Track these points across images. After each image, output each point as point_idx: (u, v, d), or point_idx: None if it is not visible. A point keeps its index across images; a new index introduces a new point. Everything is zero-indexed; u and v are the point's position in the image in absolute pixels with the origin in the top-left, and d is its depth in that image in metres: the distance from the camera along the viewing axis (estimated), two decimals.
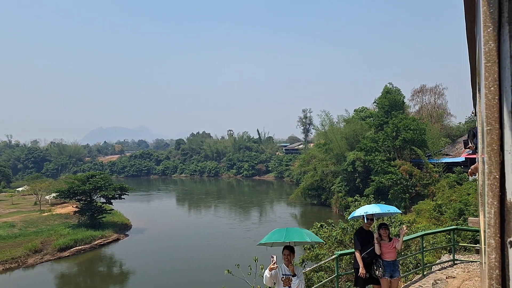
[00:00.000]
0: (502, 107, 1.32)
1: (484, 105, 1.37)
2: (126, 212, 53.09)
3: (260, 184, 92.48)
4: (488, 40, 1.33)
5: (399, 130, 38.42)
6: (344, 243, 11.26)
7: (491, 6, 1.32)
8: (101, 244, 37.19)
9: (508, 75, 1.29)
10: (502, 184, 1.34)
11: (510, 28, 1.30)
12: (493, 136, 1.33)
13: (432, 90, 51.84)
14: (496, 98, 1.32)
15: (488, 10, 1.32)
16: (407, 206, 36.12)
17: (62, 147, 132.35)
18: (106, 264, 33.01)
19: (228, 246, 33.92)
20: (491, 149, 1.34)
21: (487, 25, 1.33)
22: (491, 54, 1.33)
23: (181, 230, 42.26)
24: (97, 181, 40.29)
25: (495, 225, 1.34)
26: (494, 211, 1.34)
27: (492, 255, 1.36)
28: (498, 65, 1.32)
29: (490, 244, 1.36)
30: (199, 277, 26.86)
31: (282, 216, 48.37)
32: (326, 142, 53.90)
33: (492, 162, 1.34)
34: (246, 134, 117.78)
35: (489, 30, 1.33)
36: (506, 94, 1.30)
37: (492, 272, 1.37)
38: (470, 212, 19.23)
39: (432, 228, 18.22)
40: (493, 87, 1.33)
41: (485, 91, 1.35)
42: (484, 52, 1.34)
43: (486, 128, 1.35)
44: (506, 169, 1.31)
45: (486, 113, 1.36)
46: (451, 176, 32.19)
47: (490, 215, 1.36)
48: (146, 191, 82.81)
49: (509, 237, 1.30)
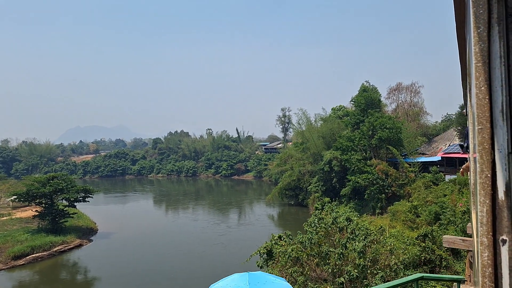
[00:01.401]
0: (492, 107, 1.36)
1: (475, 104, 1.40)
2: (96, 215, 50.44)
3: (239, 183, 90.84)
4: (478, 40, 1.37)
5: (375, 128, 37.50)
6: (301, 261, 9.68)
7: (481, 7, 1.36)
8: (61, 250, 34.59)
9: (498, 75, 1.34)
10: (493, 182, 1.37)
11: (499, 29, 1.34)
12: (484, 135, 1.36)
13: (408, 88, 51.28)
14: (487, 97, 1.35)
15: (477, 11, 1.35)
16: (384, 207, 35.22)
17: (33, 147, 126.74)
18: (60, 274, 30.47)
19: (195, 254, 31.99)
20: (482, 148, 1.37)
21: (477, 26, 1.36)
22: (482, 55, 1.36)
23: (151, 235, 40.06)
24: (58, 183, 37.57)
25: (487, 223, 1.37)
26: (486, 209, 1.37)
27: (485, 253, 1.38)
28: (488, 65, 1.35)
29: (483, 242, 1.38)
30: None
31: (259, 219, 46.79)
32: (303, 141, 52.77)
33: (484, 161, 1.37)
34: (225, 133, 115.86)
35: (479, 31, 1.36)
36: (496, 93, 1.34)
37: (485, 270, 1.39)
38: (446, 217, 18.11)
39: (407, 232, 17.02)
40: (484, 87, 1.36)
41: (476, 91, 1.38)
42: (475, 53, 1.38)
43: (477, 127, 1.38)
44: (497, 168, 1.35)
45: (477, 113, 1.38)
46: (427, 176, 31.38)
47: (483, 214, 1.38)
48: (122, 192, 79.64)
49: (501, 235, 1.34)
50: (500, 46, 1.33)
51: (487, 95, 1.35)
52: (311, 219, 12.34)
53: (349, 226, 11.31)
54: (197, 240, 36.73)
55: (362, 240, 10.71)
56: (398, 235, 16.65)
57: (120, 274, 28.30)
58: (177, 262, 30.33)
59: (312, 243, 9.87)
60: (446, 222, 17.69)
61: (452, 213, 17.96)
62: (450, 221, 17.46)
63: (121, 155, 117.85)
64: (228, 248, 33.14)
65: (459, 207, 19.06)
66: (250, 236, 36.62)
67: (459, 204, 19.53)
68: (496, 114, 1.33)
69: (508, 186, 1.33)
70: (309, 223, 12.08)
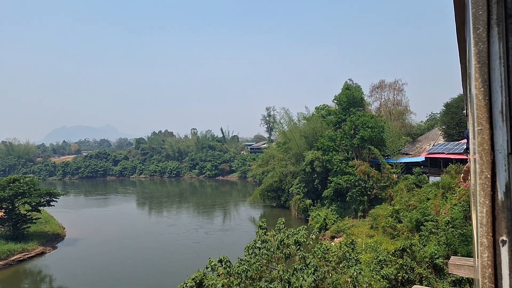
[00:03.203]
0: (492, 108, 1.35)
1: (475, 105, 1.39)
2: (69, 219, 47.74)
3: (223, 184, 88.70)
4: (478, 41, 1.36)
5: (357, 127, 35.74)
6: (254, 285, 7.61)
7: (480, 8, 1.35)
8: (20, 259, 31.97)
9: (497, 76, 1.33)
10: (493, 183, 1.36)
11: (499, 30, 1.33)
12: (484, 136, 1.35)
13: (392, 85, 49.52)
14: (487, 98, 1.35)
15: (477, 12, 1.34)
16: (366, 210, 33.50)
17: (10, 147, 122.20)
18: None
19: (162, 264, 29.70)
20: (482, 149, 1.36)
21: (476, 27, 1.35)
22: (481, 56, 1.35)
23: (121, 241, 37.62)
24: (19, 186, 34.81)
25: (487, 224, 1.36)
26: (486, 210, 1.36)
27: (485, 254, 1.37)
28: (488, 66, 1.35)
29: (483, 243, 1.38)
30: None
31: (240, 223, 44.64)
32: (285, 141, 50.90)
33: (483, 162, 1.36)
34: (209, 133, 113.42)
35: (478, 32, 1.35)
36: (496, 94, 1.33)
37: (485, 271, 1.38)
38: (427, 228, 16.22)
39: (384, 244, 15.11)
40: (483, 88, 1.35)
41: (476, 92, 1.37)
42: (474, 54, 1.37)
43: (477, 128, 1.37)
44: (497, 169, 1.34)
45: (476, 114, 1.37)
46: (409, 178, 29.66)
47: (482, 214, 1.37)
48: (103, 193, 76.53)
49: (500, 235, 1.33)
50: (499, 47, 1.33)
51: (487, 96, 1.34)
52: (250, 244, 10.10)
53: (299, 251, 9.17)
54: (169, 247, 34.46)
55: (312, 274, 8.44)
56: (375, 245, 14.81)
57: (79, 285, 25.96)
58: (139, 272, 28.02)
59: (247, 276, 7.80)
60: (427, 234, 15.88)
61: (434, 223, 16.13)
62: (432, 232, 15.65)
63: (103, 156, 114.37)
64: (198, 259, 30.53)
65: (442, 214, 17.37)
66: (228, 243, 34.56)
67: (443, 210, 17.83)
68: (496, 115, 1.33)
69: (508, 187, 1.32)
70: (250, 246, 9.91)
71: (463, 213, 14.58)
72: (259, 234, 10.21)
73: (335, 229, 33.73)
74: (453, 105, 36.70)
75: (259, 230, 10.42)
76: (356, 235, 23.77)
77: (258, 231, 10.38)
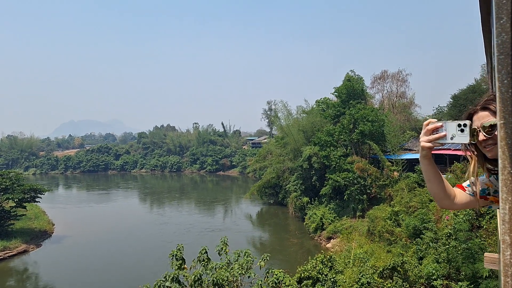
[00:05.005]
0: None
1: (498, 98, 1.31)
2: (61, 215, 46.35)
3: (224, 179, 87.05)
4: (501, 32, 1.27)
5: (357, 121, 33.42)
6: None
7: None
8: (1, 258, 30.54)
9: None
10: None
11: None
12: (507, 130, 1.27)
13: (394, 76, 46.62)
14: (510, 91, 1.26)
15: (500, 1, 1.26)
16: (365, 209, 31.34)
17: (14, 141, 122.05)
18: None
19: (142, 268, 27.96)
20: (505, 143, 1.28)
21: (499, 17, 1.27)
22: (504, 47, 1.27)
23: (110, 239, 36.07)
24: (1, 181, 33.35)
25: (509, 221, 1.26)
26: (508, 206, 1.26)
27: (507, 252, 1.26)
28: (511, 57, 1.26)
29: (505, 240, 1.27)
30: None
31: (237, 221, 42.72)
32: (283, 135, 48.75)
33: (506, 157, 1.27)
34: (211, 127, 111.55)
35: (501, 22, 1.27)
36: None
37: (507, 269, 1.26)
38: (424, 241, 13.91)
39: (377, 252, 13.00)
40: (507, 80, 1.27)
41: (499, 84, 1.29)
42: (497, 45, 1.29)
43: (500, 122, 1.30)
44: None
45: (499, 107, 1.30)
46: (411, 176, 27.34)
47: (505, 211, 1.27)
48: (105, 188, 75.21)
49: None
50: None
51: (510, 89, 1.26)
52: (158, 281, 7.61)
53: None
54: (157, 250, 32.67)
55: None
56: (364, 257, 12.74)
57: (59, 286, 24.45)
58: (120, 275, 26.34)
59: None
60: (424, 248, 13.65)
61: (433, 234, 13.86)
62: (429, 246, 13.46)
63: (104, 150, 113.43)
64: None
65: (444, 221, 15.20)
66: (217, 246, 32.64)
67: (445, 217, 15.64)
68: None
69: None
70: (157, 285, 7.49)
71: (469, 223, 12.42)
72: (173, 266, 8.02)
73: (332, 230, 31.73)
74: (461, 97, 34.17)
75: (174, 260, 8.27)
76: (351, 239, 21.77)
77: (173, 262, 8.25)
